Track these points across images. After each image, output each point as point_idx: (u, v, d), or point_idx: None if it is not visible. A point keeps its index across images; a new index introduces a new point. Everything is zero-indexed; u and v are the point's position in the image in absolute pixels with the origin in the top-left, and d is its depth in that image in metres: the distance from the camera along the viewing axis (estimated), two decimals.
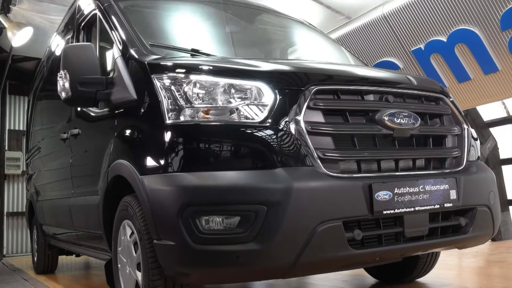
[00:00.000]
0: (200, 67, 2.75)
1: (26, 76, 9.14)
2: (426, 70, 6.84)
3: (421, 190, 2.71)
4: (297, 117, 2.54)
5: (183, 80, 2.66)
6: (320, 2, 6.98)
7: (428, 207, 2.73)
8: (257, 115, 2.55)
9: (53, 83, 4.63)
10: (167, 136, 2.57)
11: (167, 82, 2.70)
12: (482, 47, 6.16)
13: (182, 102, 2.60)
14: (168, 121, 2.60)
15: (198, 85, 2.63)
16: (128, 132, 3.02)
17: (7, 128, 9.81)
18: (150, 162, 2.65)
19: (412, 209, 2.66)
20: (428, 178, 2.77)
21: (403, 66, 7.09)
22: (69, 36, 4.72)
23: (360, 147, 2.67)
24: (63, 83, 3.22)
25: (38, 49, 7.72)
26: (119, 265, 3.14)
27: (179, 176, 2.48)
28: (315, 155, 2.51)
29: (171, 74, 2.72)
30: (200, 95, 2.61)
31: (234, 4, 4.43)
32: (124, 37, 3.25)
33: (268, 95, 2.60)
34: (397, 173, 2.75)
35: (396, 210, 2.61)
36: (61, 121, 4.72)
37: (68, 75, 3.17)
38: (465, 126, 3.14)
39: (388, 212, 2.58)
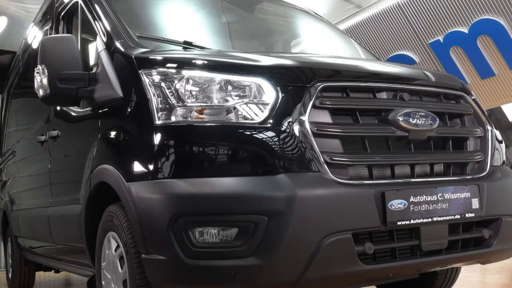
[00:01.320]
0: (193, 61, 2.76)
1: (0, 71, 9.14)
2: (445, 64, 6.87)
3: (440, 198, 2.71)
4: (301, 117, 2.54)
5: (175, 76, 2.66)
6: None
7: (448, 218, 2.73)
8: (257, 115, 2.56)
9: (29, 79, 4.64)
10: (157, 138, 2.57)
11: (156, 78, 2.70)
12: (507, 39, 6.18)
13: (173, 101, 2.61)
14: (158, 122, 2.60)
15: (191, 81, 2.63)
16: (113, 134, 3.02)
17: None
18: (137, 167, 2.65)
19: (430, 219, 2.66)
20: (447, 185, 2.77)
21: (420, 60, 7.11)
22: (47, 27, 4.72)
23: (371, 151, 2.67)
24: (40, 79, 3.22)
25: (13, 41, 7.73)
26: (103, 282, 3.13)
27: (170, 183, 2.48)
28: (322, 159, 2.51)
29: (161, 69, 2.73)
30: (194, 93, 2.62)
31: None
32: (108, 28, 3.26)
33: (269, 93, 2.61)
34: (412, 180, 2.75)
35: (412, 221, 2.61)
36: (39, 122, 4.72)
37: (46, 71, 3.17)
38: (489, 127, 3.14)
39: (403, 223, 2.58)
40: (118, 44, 3.09)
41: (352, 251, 2.47)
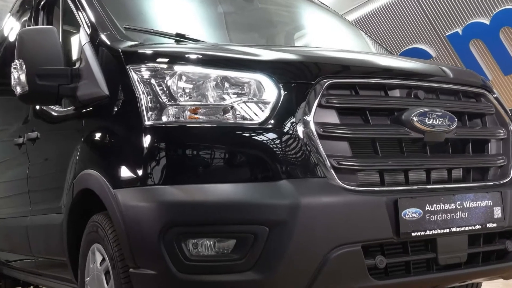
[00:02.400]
0: (186, 56, 2.76)
1: None
2: (464, 59, 6.87)
3: (459, 207, 2.71)
4: (305, 118, 2.55)
5: (166, 72, 2.67)
6: None
7: (467, 228, 2.73)
8: (256, 115, 2.56)
9: (6, 76, 4.63)
10: (146, 140, 2.58)
11: (146, 74, 2.71)
12: None
13: (164, 99, 2.61)
14: (148, 122, 2.60)
15: (184, 78, 2.64)
16: (98, 135, 3.02)
17: None
18: (125, 172, 2.65)
19: (448, 230, 2.67)
20: (466, 193, 2.78)
21: (436, 54, 7.11)
22: (25, 18, 4.73)
23: (383, 155, 2.67)
24: (18, 75, 3.23)
25: None
26: None
27: (161, 189, 2.49)
28: (328, 164, 2.52)
29: (151, 64, 2.73)
30: (187, 91, 2.62)
31: None
32: (93, 19, 3.26)
33: (270, 91, 2.61)
34: (428, 187, 2.75)
35: (428, 232, 2.61)
36: (16, 122, 4.72)
37: (24, 66, 3.17)
38: None
39: (418, 234, 2.58)
40: (103, 37, 3.09)
41: (362, 265, 2.47)
